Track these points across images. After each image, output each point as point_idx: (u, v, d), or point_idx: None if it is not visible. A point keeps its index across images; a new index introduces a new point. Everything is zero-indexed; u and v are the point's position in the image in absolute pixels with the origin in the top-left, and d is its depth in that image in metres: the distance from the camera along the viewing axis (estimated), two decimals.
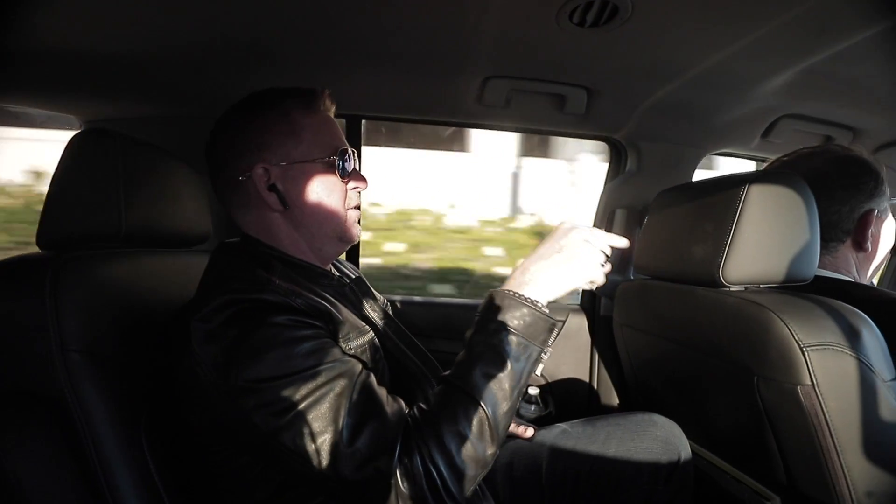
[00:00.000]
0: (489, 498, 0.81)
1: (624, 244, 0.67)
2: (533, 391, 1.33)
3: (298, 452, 0.56)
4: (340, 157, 0.75)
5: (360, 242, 1.43)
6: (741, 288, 0.84)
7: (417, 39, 0.92)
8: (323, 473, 0.56)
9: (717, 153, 1.43)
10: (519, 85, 1.10)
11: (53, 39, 0.86)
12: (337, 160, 0.75)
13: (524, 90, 1.12)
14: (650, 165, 1.37)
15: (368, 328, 0.74)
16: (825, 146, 0.99)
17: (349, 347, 0.67)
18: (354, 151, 0.79)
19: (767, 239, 0.80)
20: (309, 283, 0.71)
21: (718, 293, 0.84)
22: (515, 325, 0.60)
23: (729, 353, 0.83)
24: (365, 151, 1.40)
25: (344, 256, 1.43)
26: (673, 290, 0.97)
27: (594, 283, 0.66)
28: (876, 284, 1.14)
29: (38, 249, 0.72)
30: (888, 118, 1.19)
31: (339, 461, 0.55)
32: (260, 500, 0.64)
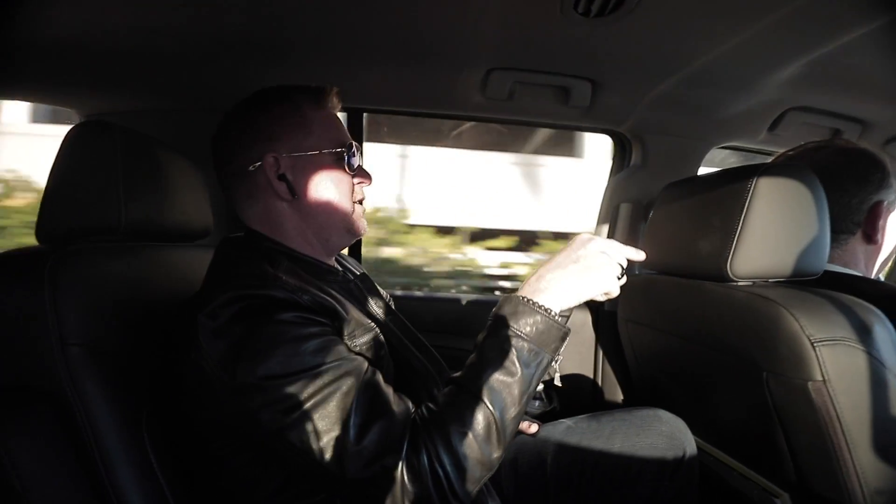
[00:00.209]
0: (494, 495, 0.81)
1: (641, 257, 0.67)
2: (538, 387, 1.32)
3: (305, 450, 0.56)
4: (348, 150, 0.77)
5: (361, 239, 1.44)
6: (749, 282, 0.82)
7: (419, 31, 0.91)
8: (329, 472, 0.55)
9: (723, 146, 1.41)
10: (522, 77, 1.08)
11: (54, 32, 0.85)
12: (345, 154, 0.76)
13: (528, 82, 1.10)
14: (655, 159, 1.36)
15: (373, 325, 0.73)
16: (830, 140, 0.99)
17: (355, 345, 0.67)
18: (359, 147, 0.80)
19: (776, 232, 0.79)
20: (314, 279, 0.71)
21: (726, 287, 0.83)
22: (528, 331, 0.60)
23: (737, 348, 0.82)
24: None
25: (348, 252, 1.43)
26: (679, 284, 0.95)
27: (609, 294, 0.65)
28: (884, 280, 1.12)
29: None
30: None
31: (345, 459, 0.55)
32: (262, 497, 0.64)
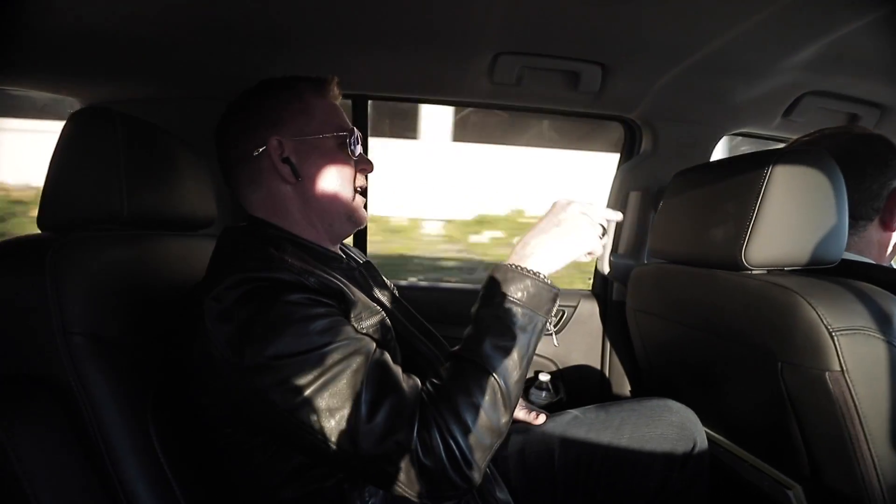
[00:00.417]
0: (502, 486, 0.80)
1: (619, 217, 0.71)
2: (544, 377, 1.31)
3: (317, 429, 0.55)
4: (350, 136, 0.78)
5: (367, 229, 1.43)
6: (764, 271, 0.81)
7: (426, 15, 0.89)
8: (342, 450, 0.55)
9: (736, 133, 1.38)
10: (531, 62, 1.06)
11: (55, 19, 0.84)
12: (347, 139, 0.77)
13: (537, 67, 1.08)
14: (666, 146, 1.33)
15: (380, 309, 0.73)
16: (847, 126, 0.98)
17: (362, 327, 0.68)
18: (361, 135, 0.81)
19: (793, 219, 0.77)
20: (319, 264, 0.71)
21: (740, 276, 0.81)
22: (519, 296, 0.62)
23: (751, 337, 0.80)
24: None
25: (352, 242, 1.42)
26: (691, 273, 0.94)
27: (592, 253, 0.68)
28: None
29: None
30: None
31: (358, 436, 0.55)
32: (276, 483, 0.64)
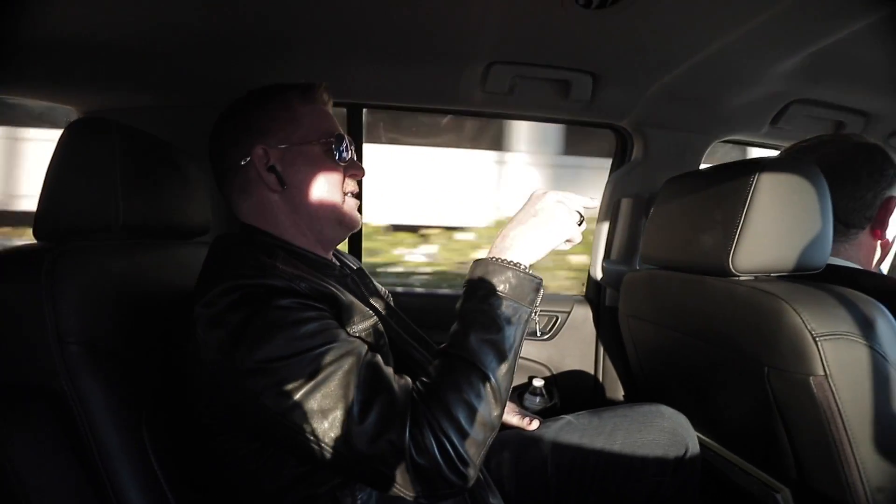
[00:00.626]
0: (495, 492, 0.80)
1: (595, 205, 0.71)
2: (538, 383, 1.32)
3: (310, 431, 0.56)
4: (337, 142, 0.77)
5: (361, 234, 1.44)
6: (751, 277, 0.82)
7: (419, 25, 0.90)
8: (336, 450, 0.56)
9: (725, 140, 1.40)
10: (523, 71, 1.08)
11: (52, 29, 0.85)
12: (333, 145, 0.77)
13: (528, 76, 1.10)
14: (656, 153, 1.35)
15: (372, 314, 0.74)
16: (845, 135, 0.99)
17: (354, 331, 0.68)
18: (352, 140, 0.81)
19: (779, 227, 0.78)
20: (312, 270, 0.71)
21: (728, 282, 0.83)
22: (502, 288, 0.62)
23: (739, 343, 0.82)
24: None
25: (347, 248, 1.42)
26: (681, 279, 0.95)
27: (571, 241, 0.69)
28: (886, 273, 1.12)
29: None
30: None
31: (350, 437, 0.55)
32: (269, 492, 0.64)
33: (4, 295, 0.63)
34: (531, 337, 1.41)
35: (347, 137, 0.79)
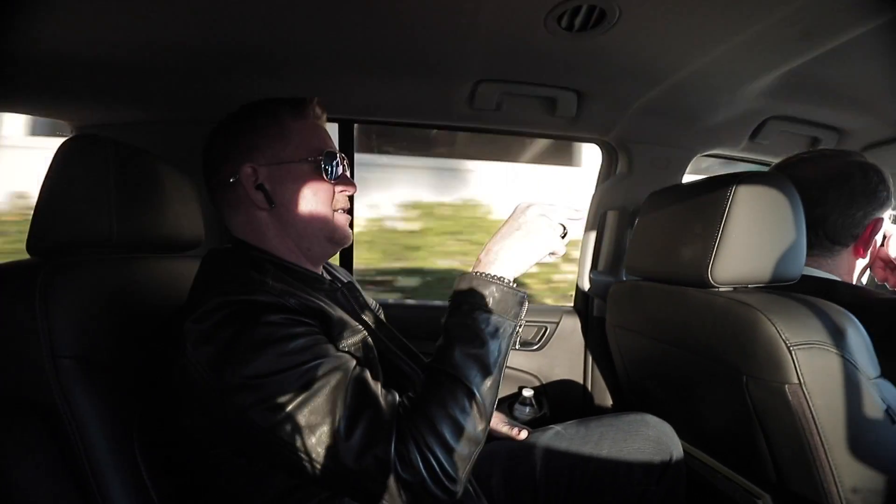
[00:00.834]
0: (483, 500, 0.81)
1: (580, 216, 0.72)
2: (528, 393, 1.33)
3: (297, 446, 0.56)
4: (327, 159, 0.77)
5: (353, 248, 1.45)
6: (730, 288, 0.84)
7: (409, 44, 0.93)
8: (324, 466, 0.56)
9: (706, 154, 1.44)
10: (510, 88, 1.11)
11: (47, 45, 0.85)
12: (323, 162, 0.77)
13: (515, 94, 1.12)
14: (641, 167, 1.38)
15: (361, 328, 0.74)
16: (846, 151, 0.99)
17: (343, 346, 0.68)
18: (344, 157, 0.81)
19: (755, 239, 0.81)
20: (301, 284, 0.72)
21: (708, 294, 0.85)
22: (486, 303, 0.63)
23: (718, 352, 0.84)
24: None
25: (338, 262, 1.44)
26: (664, 290, 0.97)
27: (556, 253, 0.69)
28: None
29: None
30: (872, 119, 1.20)
31: (337, 452, 0.56)
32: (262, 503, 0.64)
33: None
34: (522, 347, 1.42)
35: (338, 153, 0.80)
